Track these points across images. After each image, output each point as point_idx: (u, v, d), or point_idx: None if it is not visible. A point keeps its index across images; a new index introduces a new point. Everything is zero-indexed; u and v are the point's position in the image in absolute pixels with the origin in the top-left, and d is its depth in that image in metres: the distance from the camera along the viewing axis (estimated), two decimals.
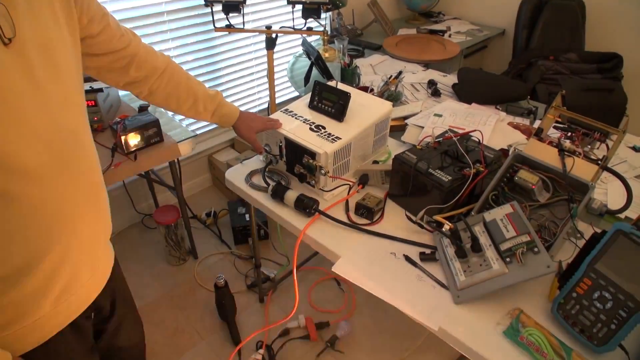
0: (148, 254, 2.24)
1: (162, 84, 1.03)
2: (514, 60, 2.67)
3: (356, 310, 1.94)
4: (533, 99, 1.78)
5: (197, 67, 2.34)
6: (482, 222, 0.98)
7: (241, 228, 2.24)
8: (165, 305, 1.97)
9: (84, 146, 0.77)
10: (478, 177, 1.06)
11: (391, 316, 1.90)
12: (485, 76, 1.92)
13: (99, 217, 0.82)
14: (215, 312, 1.91)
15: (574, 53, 2.47)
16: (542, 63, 2.45)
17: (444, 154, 1.14)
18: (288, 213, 1.16)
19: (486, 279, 0.91)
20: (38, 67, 0.68)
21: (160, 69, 1.01)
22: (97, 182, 0.81)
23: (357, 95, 1.32)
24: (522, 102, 1.73)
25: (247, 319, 1.90)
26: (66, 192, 0.73)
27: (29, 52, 0.67)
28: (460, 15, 3.10)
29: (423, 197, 1.09)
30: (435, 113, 1.53)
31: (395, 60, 2.24)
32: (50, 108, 0.70)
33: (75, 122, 0.75)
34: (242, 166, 1.35)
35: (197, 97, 1.10)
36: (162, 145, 1.64)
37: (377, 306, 1.95)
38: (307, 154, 1.15)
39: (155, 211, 2.06)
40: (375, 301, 1.97)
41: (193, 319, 1.90)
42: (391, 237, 1.08)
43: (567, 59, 2.46)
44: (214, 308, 1.92)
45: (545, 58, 2.49)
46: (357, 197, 1.18)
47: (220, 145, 2.67)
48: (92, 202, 0.79)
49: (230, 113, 1.17)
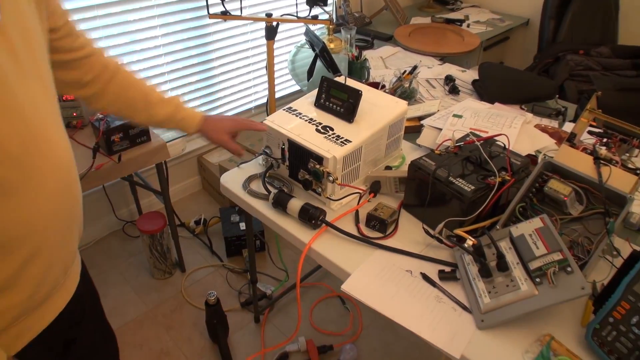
0: (130, 266, 2.24)
1: (111, 85, 1.04)
2: (540, 54, 2.69)
3: (363, 333, 1.94)
4: (561, 97, 1.80)
5: (187, 58, 2.35)
6: (509, 237, 0.99)
7: (235, 238, 2.25)
8: (148, 325, 1.97)
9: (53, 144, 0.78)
10: (504, 187, 1.06)
11: (402, 339, 1.91)
12: (509, 72, 1.93)
13: (71, 218, 0.82)
14: (205, 333, 1.91)
15: (606, 47, 2.49)
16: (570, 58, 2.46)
17: (465, 160, 1.15)
18: (291, 224, 1.17)
19: (513, 301, 0.91)
20: (22, 54, 0.71)
21: (110, 70, 1.03)
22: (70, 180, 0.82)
23: (367, 93, 1.33)
24: (549, 101, 1.74)
25: (241, 340, 1.90)
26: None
27: (13, 37, 0.70)
28: (479, 2, 3.12)
29: (442, 208, 1.10)
30: (454, 113, 1.54)
31: (408, 53, 2.25)
32: (33, 99, 0.72)
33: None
34: (239, 170, 1.35)
35: (150, 100, 1.10)
36: (149, 145, 1.65)
37: (387, 328, 1.95)
38: (313, 159, 1.16)
39: (139, 218, 2.06)
40: (384, 322, 1.98)
41: (180, 340, 1.90)
42: (406, 252, 1.08)
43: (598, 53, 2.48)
44: (203, 328, 1.92)
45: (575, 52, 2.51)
46: (368, 207, 1.19)
47: (211, 145, 2.68)
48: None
49: (190, 116, 1.16)
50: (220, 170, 2.44)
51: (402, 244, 1.11)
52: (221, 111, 2.66)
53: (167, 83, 2.33)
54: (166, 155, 1.69)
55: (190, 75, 2.41)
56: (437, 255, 1.08)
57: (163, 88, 2.32)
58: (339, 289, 1.06)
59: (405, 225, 1.17)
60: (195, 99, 2.50)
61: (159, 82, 2.30)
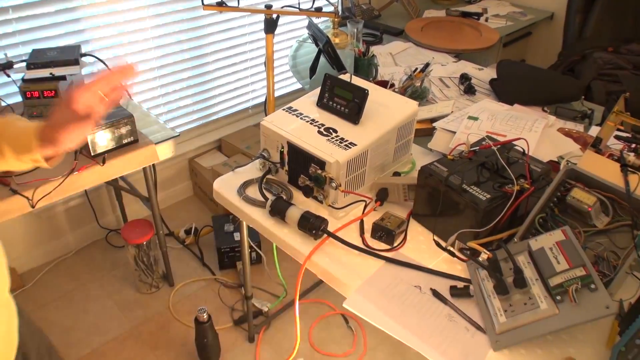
0: (113, 278, 2.25)
1: None
2: (565, 51, 2.70)
3: (367, 355, 1.94)
4: (588, 99, 1.80)
5: (179, 52, 2.37)
6: (527, 251, 0.99)
7: (228, 249, 2.26)
8: (132, 344, 1.97)
9: None
10: (522, 196, 1.07)
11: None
12: (530, 71, 1.94)
13: None
14: (195, 353, 1.91)
15: (637, 43, 2.50)
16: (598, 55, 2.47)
17: (480, 166, 1.16)
18: (290, 234, 1.18)
19: (532, 321, 0.92)
20: None
21: None
22: None
23: (375, 92, 1.34)
24: (574, 103, 1.75)
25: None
26: None
27: None
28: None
29: (455, 219, 1.11)
30: (469, 115, 1.55)
31: (420, 49, 2.26)
32: None
33: None
34: (234, 175, 1.36)
35: None
36: (136, 146, 1.66)
37: (394, 349, 1.95)
38: (315, 163, 1.17)
39: (124, 226, 2.08)
40: (391, 343, 1.98)
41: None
42: (415, 266, 1.09)
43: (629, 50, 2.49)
44: (192, 348, 1.92)
45: (603, 49, 2.52)
46: (375, 217, 1.20)
47: (203, 147, 2.69)
48: None
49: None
50: (213, 174, 2.46)
51: (410, 257, 1.12)
52: (215, 110, 2.68)
53: (156, 79, 2.35)
54: (154, 158, 1.71)
55: (182, 71, 2.43)
56: (449, 270, 1.08)
57: (152, 85, 2.34)
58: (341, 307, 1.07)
59: (415, 237, 1.18)
60: (187, 97, 2.52)
61: (147, 79, 2.32)
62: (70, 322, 2.03)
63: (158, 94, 2.39)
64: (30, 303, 2.12)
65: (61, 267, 2.30)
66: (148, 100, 2.37)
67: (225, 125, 2.78)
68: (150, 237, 2.04)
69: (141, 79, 2.29)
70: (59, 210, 2.28)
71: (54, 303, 2.13)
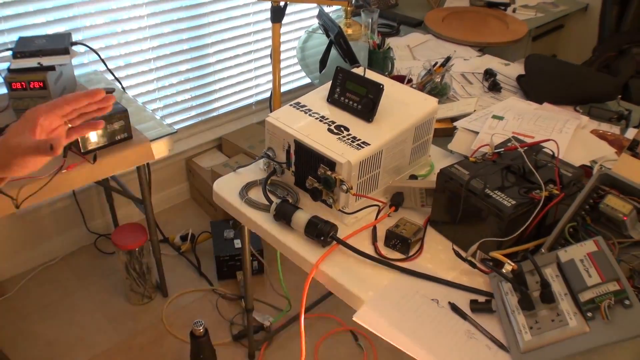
0: (102, 287, 2.27)
1: None
2: (600, 46, 2.70)
3: None
4: (624, 98, 1.80)
5: (177, 42, 2.39)
6: (556, 262, 1.00)
7: (228, 258, 2.27)
8: (122, 359, 1.99)
9: None
10: (551, 203, 1.07)
11: None
12: (562, 67, 1.94)
13: None
14: None
15: None
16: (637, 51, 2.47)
17: (505, 169, 1.16)
18: (296, 241, 1.19)
19: (559, 339, 0.92)
20: None
21: None
22: None
23: (390, 88, 1.35)
24: (610, 102, 1.75)
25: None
26: None
27: None
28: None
29: (477, 227, 1.11)
30: (494, 114, 1.56)
31: (440, 42, 2.27)
32: None
33: None
34: (236, 176, 1.38)
35: None
36: (130, 143, 1.68)
37: None
38: (324, 164, 1.18)
39: (114, 231, 2.09)
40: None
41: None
42: (433, 277, 1.09)
43: None
44: None
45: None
46: (389, 223, 1.20)
47: (202, 145, 2.71)
48: None
49: None
50: (213, 176, 2.47)
51: (427, 267, 1.12)
52: (216, 106, 2.70)
53: (152, 72, 2.37)
54: (149, 157, 1.72)
55: (180, 63, 2.45)
56: (470, 283, 1.09)
57: (147, 78, 2.37)
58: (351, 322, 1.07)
59: (432, 246, 1.18)
60: (185, 91, 2.54)
61: (143, 71, 2.34)
62: (55, 334, 2.05)
63: (154, 87, 2.41)
64: (11, 313, 2.14)
65: (46, 275, 2.33)
66: (143, 94, 2.39)
67: (226, 123, 2.79)
68: (143, 243, 2.06)
69: (136, 71, 2.31)
70: (44, 212, 2.31)
71: (37, 313, 2.15)
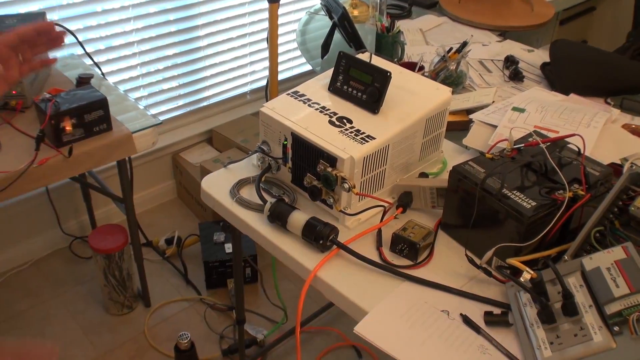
0: (77, 296, 2.28)
1: None
2: (635, 31, 2.69)
3: None
4: None
5: (163, 24, 2.39)
6: (580, 271, 1.00)
7: (217, 264, 2.27)
8: None
9: None
10: (576, 205, 1.08)
11: None
12: (592, 54, 1.94)
13: None
14: None
15: None
16: None
17: (525, 167, 1.16)
18: (292, 245, 1.19)
19: (583, 356, 0.92)
20: None
21: None
22: None
23: (399, 76, 1.35)
24: None
25: None
26: None
27: None
28: None
29: (493, 231, 1.11)
30: (514, 106, 1.56)
31: (456, 25, 2.28)
32: None
33: None
34: (226, 172, 1.38)
35: None
36: (109, 135, 1.68)
37: None
38: (324, 159, 1.18)
39: (92, 233, 2.10)
40: None
41: None
42: (443, 286, 1.10)
43: None
44: None
45: None
46: (395, 226, 1.21)
47: (190, 139, 2.72)
48: None
49: None
50: (202, 173, 2.48)
51: (437, 275, 1.13)
52: (206, 95, 2.70)
53: (135, 56, 2.38)
54: (132, 150, 1.73)
55: (167, 47, 2.46)
56: (484, 292, 1.09)
57: (130, 63, 2.37)
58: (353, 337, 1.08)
59: (443, 252, 1.19)
60: (172, 79, 2.55)
61: (125, 55, 2.35)
62: (24, 347, 2.05)
63: (137, 73, 2.42)
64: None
65: (15, 281, 2.34)
66: (125, 81, 2.40)
67: (217, 114, 2.80)
68: (124, 246, 2.06)
69: (117, 55, 2.32)
70: (14, 211, 2.31)
71: (6, 323, 2.15)
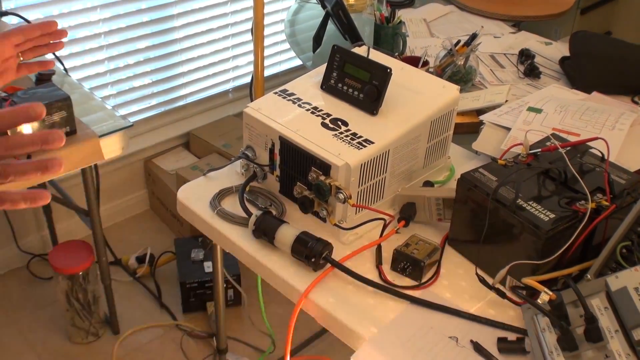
0: (36, 322, 2.26)
1: None
2: None
3: None
4: None
5: (134, 13, 2.39)
6: (605, 291, 1.00)
7: (196, 285, 2.26)
8: None
9: None
10: (599, 217, 1.08)
11: None
12: (617, 47, 1.95)
13: None
14: None
15: None
16: None
17: (543, 175, 1.17)
18: (280, 263, 1.19)
19: None
20: None
21: None
22: None
23: (400, 72, 1.36)
24: None
25: None
26: None
27: None
28: None
29: (506, 247, 1.12)
30: (530, 106, 1.57)
31: (465, 14, 2.29)
32: None
33: None
34: (206, 181, 1.38)
35: None
36: (73, 140, 1.68)
37: None
38: (316, 167, 1.18)
39: (52, 250, 2.09)
40: None
41: None
42: (451, 310, 1.10)
43: None
44: None
45: None
46: (397, 242, 1.21)
47: (165, 143, 2.72)
48: None
49: None
50: (178, 181, 2.48)
51: (444, 297, 1.13)
52: (183, 93, 2.70)
53: (102, 50, 2.37)
54: (98, 157, 1.72)
55: (139, 38, 2.45)
56: (497, 316, 1.09)
57: (97, 57, 2.37)
58: None
59: (451, 270, 1.19)
60: (144, 75, 2.54)
61: (91, 49, 2.35)
62: None
63: (105, 69, 2.42)
64: None
65: None
66: (91, 77, 2.40)
67: (195, 114, 2.80)
68: (89, 265, 2.05)
69: (82, 49, 2.32)
70: None
71: None
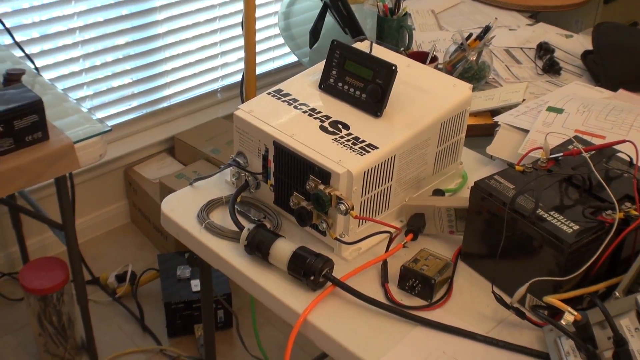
0: (5, 347, 2.26)
1: None
2: None
3: None
4: None
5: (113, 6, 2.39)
6: (635, 310, 1.00)
7: (182, 306, 2.26)
8: None
9: None
10: (628, 228, 1.08)
11: None
12: None
13: None
14: None
15: None
16: None
17: (565, 182, 1.17)
18: (276, 281, 1.19)
19: None
20: None
21: None
22: None
23: (407, 69, 1.36)
24: None
25: None
26: None
27: None
28: None
29: (526, 262, 1.12)
30: (550, 106, 1.57)
31: (477, 5, 2.29)
32: None
33: None
34: (193, 191, 1.38)
35: None
36: (46, 146, 1.68)
37: None
38: (315, 175, 1.18)
39: (23, 268, 2.08)
40: None
41: None
42: (465, 332, 1.10)
43: None
44: None
45: None
46: (404, 257, 1.21)
47: (147, 149, 2.71)
48: None
49: None
50: (162, 191, 2.47)
51: (458, 318, 1.13)
52: (166, 94, 2.70)
53: (77, 47, 2.37)
54: (73, 164, 1.72)
55: (118, 34, 2.46)
56: (516, 339, 1.09)
57: (71, 55, 2.37)
58: None
59: (465, 288, 1.19)
60: (125, 73, 2.54)
61: (65, 45, 2.34)
62: None
63: (80, 68, 2.42)
64: None
65: None
66: (65, 77, 2.40)
67: (180, 117, 2.80)
68: (63, 285, 2.05)
69: (55, 46, 2.32)
70: None
71: None
